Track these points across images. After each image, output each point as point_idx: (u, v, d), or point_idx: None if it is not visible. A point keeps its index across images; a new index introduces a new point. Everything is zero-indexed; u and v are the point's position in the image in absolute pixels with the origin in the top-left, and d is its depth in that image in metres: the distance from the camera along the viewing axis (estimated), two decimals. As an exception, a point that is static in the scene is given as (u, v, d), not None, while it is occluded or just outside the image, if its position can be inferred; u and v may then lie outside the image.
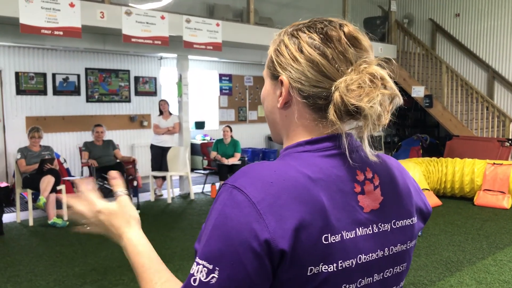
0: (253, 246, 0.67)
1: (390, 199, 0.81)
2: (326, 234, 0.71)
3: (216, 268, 0.67)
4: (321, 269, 0.70)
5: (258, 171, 0.73)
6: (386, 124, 0.76)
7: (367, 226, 0.76)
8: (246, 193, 0.70)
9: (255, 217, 0.68)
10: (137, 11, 5.83)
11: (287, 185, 0.71)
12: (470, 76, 9.92)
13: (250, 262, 0.67)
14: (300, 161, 0.76)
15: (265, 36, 7.24)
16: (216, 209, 0.71)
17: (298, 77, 0.78)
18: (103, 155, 6.25)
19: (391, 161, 0.88)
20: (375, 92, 0.73)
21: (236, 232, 0.68)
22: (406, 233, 0.83)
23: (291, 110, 0.81)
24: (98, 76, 8.42)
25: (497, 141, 7.76)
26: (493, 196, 6.27)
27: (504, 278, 3.82)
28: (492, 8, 9.60)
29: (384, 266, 0.79)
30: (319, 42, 0.78)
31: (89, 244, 4.74)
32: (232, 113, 10.65)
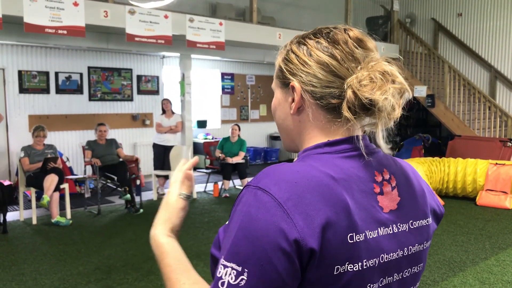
0: (282, 246, 0.67)
1: (407, 200, 0.83)
2: (351, 233, 0.71)
3: (245, 269, 0.67)
4: (347, 269, 0.71)
5: (281, 172, 0.74)
6: (398, 118, 0.77)
7: (387, 226, 0.78)
8: (271, 193, 0.70)
9: (282, 217, 0.68)
10: (141, 10, 5.84)
11: (311, 185, 0.72)
12: (472, 76, 9.92)
13: (280, 262, 0.67)
14: (321, 162, 0.77)
15: (268, 35, 7.27)
16: (240, 211, 0.71)
17: (309, 80, 0.80)
18: (106, 154, 6.26)
19: (404, 163, 0.90)
20: (386, 86, 0.75)
21: (264, 232, 0.68)
22: (422, 233, 0.84)
23: (304, 114, 0.83)
24: (101, 74, 8.42)
25: (499, 141, 7.75)
26: (495, 196, 6.27)
27: (507, 278, 3.83)
28: (494, 8, 9.59)
29: (403, 266, 0.81)
30: (326, 45, 0.80)
31: (92, 243, 4.76)
32: (234, 112, 10.65)
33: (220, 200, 6.88)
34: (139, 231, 5.16)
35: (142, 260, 4.22)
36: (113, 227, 5.34)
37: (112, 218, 5.76)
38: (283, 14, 9.38)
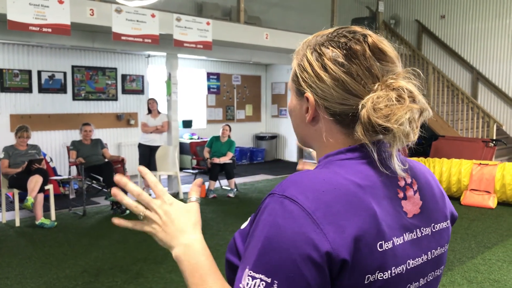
0: (313, 257, 0.66)
1: (428, 203, 0.82)
2: (380, 242, 0.70)
3: (274, 281, 0.66)
4: (377, 277, 0.70)
5: (307, 180, 0.72)
6: (415, 139, 0.75)
7: (412, 231, 0.77)
8: (299, 202, 0.68)
9: (311, 227, 0.67)
10: (127, 9, 5.76)
11: (339, 193, 0.70)
12: (455, 77, 10.07)
13: (310, 273, 0.66)
14: (346, 168, 0.75)
15: (255, 36, 7.25)
16: (265, 220, 0.69)
17: (323, 95, 0.78)
18: (92, 154, 6.16)
19: (422, 166, 0.89)
20: (403, 110, 0.72)
21: (293, 243, 0.66)
22: (443, 236, 0.84)
23: (319, 124, 0.81)
24: (85, 74, 8.30)
25: (481, 141, 7.89)
26: (479, 196, 6.38)
27: (494, 277, 3.89)
28: (476, 11, 9.76)
29: (427, 270, 0.80)
30: (343, 59, 0.76)
31: (78, 245, 4.67)
32: (220, 112, 10.61)
33: (207, 201, 6.84)
34: (127, 232, 5.09)
35: (130, 262, 4.16)
36: (99, 229, 5.26)
37: (98, 220, 5.67)
38: (269, 14, 9.39)
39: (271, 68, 11.41)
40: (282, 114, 11.22)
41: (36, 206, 5.27)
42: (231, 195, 7.09)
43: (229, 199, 6.96)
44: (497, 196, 6.36)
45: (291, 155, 11.17)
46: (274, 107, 11.41)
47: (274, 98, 11.42)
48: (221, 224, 5.49)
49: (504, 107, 9.46)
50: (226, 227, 5.35)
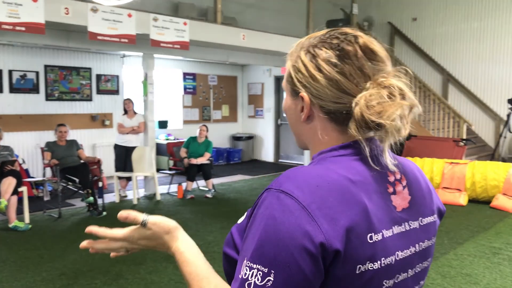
0: (308, 248, 0.69)
1: (416, 198, 0.86)
2: (370, 234, 0.74)
3: (271, 271, 0.69)
4: (368, 267, 0.74)
5: (301, 176, 0.75)
6: (406, 134, 0.79)
7: (401, 224, 0.81)
8: (294, 196, 0.72)
9: (307, 220, 0.70)
10: (103, 8, 5.69)
11: (332, 188, 0.74)
12: (426, 78, 10.33)
13: (306, 263, 0.69)
14: (338, 164, 0.79)
15: (232, 36, 7.27)
16: (263, 214, 0.73)
17: (318, 94, 0.81)
18: (67, 156, 6.07)
19: (409, 162, 0.93)
20: (394, 107, 0.76)
21: (290, 235, 0.69)
22: (430, 229, 0.88)
23: (314, 123, 0.85)
24: (58, 73, 8.15)
25: (452, 141, 8.12)
26: (451, 194, 6.57)
27: (466, 271, 4.03)
28: (446, 14, 10.04)
29: (415, 262, 0.84)
30: (336, 59, 0.80)
31: (55, 248, 4.60)
32: (196, 112, 10.59)
33: (184, 201, 6.82)
34: (104, 234, 5.04)
35: (109, 264, 4.13)
36: (76, 231, 5.18)
37: (74, 222, 5.59)
38: (245, 15, 9.42)
39: (248, 69, 11.46)
40: (259, 115, 11.28)
41: (10, 208, 5.16)
42: (209, 196, 7.09)
43: (207, 199, 6.96)
44: (467, 194, 6.57)
45: (267, 155, 11.24)
46: (250, 107, 11.45)
47: (250, 99, 11.46)
48: (199, 224, 5.49)
49: (473, 108, 9.77)
50: (204, 227, 5.36)
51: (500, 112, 9.37)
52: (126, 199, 6.93)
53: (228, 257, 0.82)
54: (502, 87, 9.36)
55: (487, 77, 9.56)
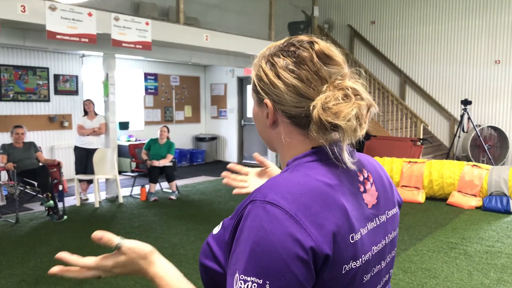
0: (300, 255, 0.71)
1: (382, 193, 0.92)
2: (352, 234, 0.78)
3: (266, 281, 0.70)
4: (351, 266, 0.78)
5: (284, 185, 0.77)
6: (364, 133, 0.82)
7: (372, 220, 0.86)
8: (281, 206, 0.74)
9: (296, 228, 0.72)
10: (62, 6, 5.53)
11: (314, 195, 0.76)
12: (384, 80, 10.64)
13: (299, 270, 0.71)
14: (314, 170, 0.82)
15: (195, 36, 7.23)
16: (251, 226, 0.74)
17: (279, 100, 0.85)
18: (24, 158, 5.85)
19: (372, 160, 0.99)
20: (349, 107, 0.78)
21: (282, 244, 0.71)
22: (395, 220, 0.94)
23: (279, 129, 0.88)
24: (13, 73, 7.84)
25: (410, 140, 8.40)
26: (409, 192, 6.80)
27: (425, 266, 4.19)
28: (403, 17, 10.38)
29: (386, 253, 0.90)
30: (293, 66, 0.83)
31: (13, 254, 4.43)
32: (158, 113, 10.45)
33: (148, 204, 6.73)
34: (66, 238, 4.90)
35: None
36: (35, 236, 5.01)
37: (33, 227, 5.40)
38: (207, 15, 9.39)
39: (210, 69, 11.42)
40: (222, 115, 11.26)
41: (-37, 214, 4.93)
42: (173, 198, 7.03)
43: (171, 201, 6.89)
44: (425, 192, 6.82)
45: (231, 156, 11.24)
46: (213, 108, 11.42)
47: (213, 99, 11.43)
48: (164, 227, 5.43)
49: (429, 108, 10.15)
50: (169, 229, 5.31)
51: (454, 113, 9.78)
52: (87, 203, 6.76)
53: (207, 268, 0.83)
54: (455, 89, 9.78)
55: (442, 79, 9.96)
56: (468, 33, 9.56)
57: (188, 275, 0.84)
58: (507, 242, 4.87)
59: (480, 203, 6.33)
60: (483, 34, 9.39)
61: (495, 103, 9.33)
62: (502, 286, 3.71)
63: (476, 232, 5.25)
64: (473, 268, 4.10)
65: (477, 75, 9.52)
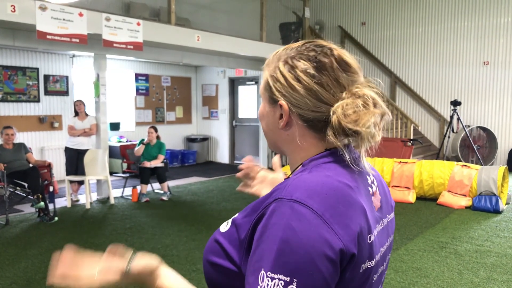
0: (329, 254, 0.72)
1: (383, 197, 0.94)
2: (369, 235, 0.80)
3: (293, 279, 0.71)
4: (367, 266, 0.80)
5: (309, 185, 0.78)
6: (379, 140, 0.85)
7: (379, 223, 0.88)
8: (308, 205, 0.74)
9: (324, 228, 0.73)
10: (53, 6, 5.50)
11: (338, 195, 0.78)
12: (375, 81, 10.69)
13: (327, 269, 0.72)
14: (332, 171, 0.83)
15: (187, 37, 7.23)
16: (278, 224, 0.74)
17: (297, 104, 0.86)
18: (14, 159, 5.80)
19: (370, 165, 1.00)
20: (369, 115, 0.81)
21: (311, 243, 0.72)
22: (393, 224, 0.98)
23: (292, 130, 0.89)
24: (2, 73, 7.78)
25: (400, 141, 8.46)
26: (400, 192, 6.86)
27: (416, 265, 4.22)
28: (393, 19, 10.47)
29: (387, 254, 0.93)
30: (314, 71, 0.85)
31: (4, 255, 4.39)
32: (150, 114, 10.42)
33: (140, 205, 6.70)
34: (57, 240, 4.87)
35: (64, 270, 3.99)
36: (26, 238, 4.97)
37: (24, 228, 5.36)
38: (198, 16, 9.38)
39: (202, 70, 11.41)
40: (213, 116, 11.26)
41: (-48, 216, 4.87)
42: (165, 198, 7.01)
43: (163, 202, 6.88)
44: (416, 192, 6.88)
45: (222, 157, 11.24)
46: (205, 109, 11.41)
47: (204, 100, 11.42)
48: (156, 228, 5.42)
49: (419, 109, 10.24)
50: (161, 230, 5.30)
51: (444, 114, 9.88)
52: (78, 204, 6.72)
53: (217, 266, 0.83)
54: (445, 90, 9.88)
55: (432, 80, 10.05)
56: (457, 34, 9.66)
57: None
58: (497, 241, 4.93)
59: (470, 203, 6.39)
60: (472, 35, 9.50)
61: (484, 104, 9.45)
62: (492, 284, 3.76)
63: (466, 231, 5.30)
64: (463, 267, 4.15)
65: (466, 76, 9.63)
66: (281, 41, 10.06)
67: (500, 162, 9.25)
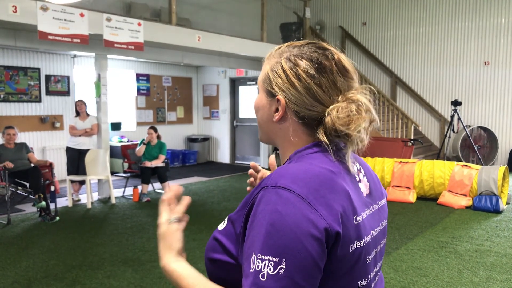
0: (314, 233, 0.76)
1: (372, 185, 0.98)
2: (355, 216, 0.84)
3: (282, 259, 0.75)
4: (357, 246, 0.84)
5: (292, 172, 0.83)
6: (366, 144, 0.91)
7: (368, 207, 0.92)
8: (292, 190, 0.79)
9: (309, 209, 0.78)
10: (54, 7, 5.52)
11: (321, 180, 0.82)
12: (376, 81, 10.73)
13: (314, 248, 0.76)
14: (317, 160, 0.88)
15: (187, 37, 7.24)
16: (265, 210, 0.78)
17: (295, 100, 0.90)
18: (16, 159, 5.82)
19: (358, 157, 1.05)
20: (360, 120, 0.87)
21: (296, 224, 0.76)
22: (385, 210, 1.01)
23: (285, 124, 0.93)
24: (4, 74, 7.80)
25: (401, 141, 8.47)
26: (400, 192, 6.86)
27: (416, 265, 4.23)
28: (394, 19, 10.47)
29: (380, 239, 0.96)
30: (315, 72, 0.89)
31: (5, 255, 4.41)
32: (151, 114, 10.44)
33: (141, 204, 6.72)
34: (58, 239, 4.89)
35: (65, 269, 4.01)
36: (28, 237, 4.99)
37: (25, 228, 5.38)
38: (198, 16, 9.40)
39: (202, 70, 11.43)
40: (214, 116, 11.27)
41: (-46, 215, 4.90)
42: (165, 198, 7.00)
43: (164, 202, 6.88)
44: (416, 191, 6.89)
45: (223, 157, 11.25)
46: (205, 109, 11.43)
47: (205, 100, 11.43)
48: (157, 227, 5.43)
49: (419, 109, 10.24)
50: (162, 230, 5.31)
51: (444, 114, 9.88)
52: (80, 203, 6.74)
53: (217, 261, 0.86)
54: (446, 90, 9.88)
55: (432, 80, 10.06)
56: (458, 34, 9.67)
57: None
58: (497, 241, 4.94)
59: (470, 203, 6.40)
60: (472, 35, 9.50)
61: (485, 104, 9.45)
62: (492, 284, 3.77)
63: (466, 231, 5.31)
64: (463, 267, 4.16)
65: (466, 76, 9.63)
66: (282, 41, 10.08)
67: (501, 162, 9.26)
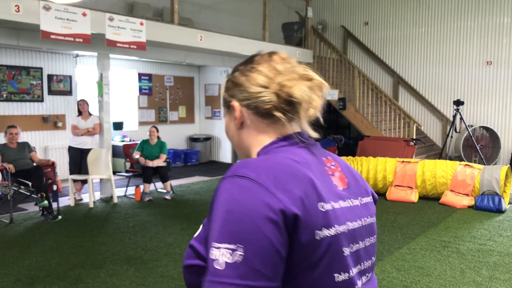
0: (271, 216, 0.76)
1: (352, 181, 0.99)
2: (321, 203, 0.83)
3: (239, 246, 0.73)
4: (325, 234, 0.82)
5: (254, 162, 0.84)
6: (320, 108, 0.94)
7: (345, 200, 0.92)
8: (250, 178, 0.79)
9: (265, 193, 0.77)
10: (57, 6, 5.53)
11: (282, 168, 0.83)
12: (378, 81, 10.72)
13: (271, 232, 0.75)
14: (282, 152, 0.90)
15: (189, 37, 7.25)
16: (222, 198, 0.79)
17: (244, 96, 0.95)
18: (18, 158, 5.84)
19: (338, 157, 1.06)
20: (302, 83, 0.91)
21: (252, 209, 0.76)
22: (369, 208, 1.00)
23: (248, 127, 0.96)
24: (6, 73, 7.81)
25: (403, 140, 8.46)
26: (403, 191, 6.86)
27: (419, 264, 4.23)
28: (396, 19, 10.46)
29: (364, 235, 0.95)
30: (253, 65, 0.96)
31: (8, 254, 4.43)
32: (153, 114, 10.45)
33: (143, 204, 6.73)
34: (60, 238, 4.90)
35: (67, 268, 4.02)
36: (30, 236, 5.00)
37: (28, 227, 5.39)
38: (201, 16, 9.40)
39: (204, 70, 11.43)
40: (216, 116, 11.28)
41: (-43, 214, 4.91)
42: (168, 198, 7.03)
43: (166, 201, 6.90)
44: (418, 191, 6.88)
45: (225, 156, 11.26)
46: (207, 108, 11.43)
47: (207, 100, 11.44)
48: (159, 226, 5.44)
49: (422, 109, 10.23)
50: (164, 229, 5.32)
51: (446, 113, 9.87)
52: (82, 203, 6.75)
53: (191, 267, 0.87)
54: (448, 90, 9.87)
55: (434, 80, 10.04)
56: (460, 34, 9.65)
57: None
58: (499, 240, 4.93)
59: (472, 202, 6.39)
60: (475, 35, 9.49)
61: (487, 104, 9.43)
62: (494, 283, 3.76)
63: (469, 231, 5.30)
64: (465, 266, 4.15)
65: (469, 76, 9.62)
66: (284, 40, 10.08)
67: (503, 161, 9.24)
